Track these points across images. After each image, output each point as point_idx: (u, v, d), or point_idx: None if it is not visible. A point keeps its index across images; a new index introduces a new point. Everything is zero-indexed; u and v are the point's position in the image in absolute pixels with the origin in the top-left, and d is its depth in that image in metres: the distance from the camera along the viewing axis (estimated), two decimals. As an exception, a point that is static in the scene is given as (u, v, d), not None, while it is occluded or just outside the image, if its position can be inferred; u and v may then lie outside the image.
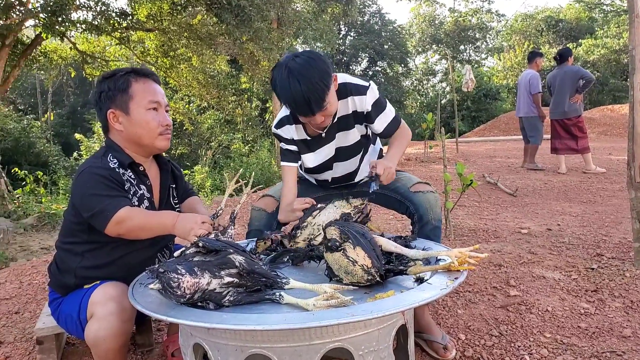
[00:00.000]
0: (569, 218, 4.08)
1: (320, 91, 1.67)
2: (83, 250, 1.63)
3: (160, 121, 1.65)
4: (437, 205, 1.89)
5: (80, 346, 2.14)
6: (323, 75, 1.68)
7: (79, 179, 1.55)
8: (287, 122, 2.00)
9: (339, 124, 1.97)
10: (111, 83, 1.63)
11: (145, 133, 1.64)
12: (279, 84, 1.71)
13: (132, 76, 1.64)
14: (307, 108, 1.69)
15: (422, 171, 7.42)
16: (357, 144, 2.04)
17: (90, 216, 1.49)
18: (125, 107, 1.62)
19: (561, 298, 2.37)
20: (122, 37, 9.91)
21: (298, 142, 2.02)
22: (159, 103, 1.66)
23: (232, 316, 1.13)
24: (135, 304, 1.27)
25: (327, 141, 2.00)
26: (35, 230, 7.38)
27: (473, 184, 3.27)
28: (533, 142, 7.10)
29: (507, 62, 26.37)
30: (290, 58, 1.72)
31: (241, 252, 1.29)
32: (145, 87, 1.65)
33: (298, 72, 1.66)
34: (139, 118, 1.62)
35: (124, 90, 1.62)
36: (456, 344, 1.96)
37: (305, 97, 1.65)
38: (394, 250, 1.40)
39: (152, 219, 1.52)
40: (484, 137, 15.20)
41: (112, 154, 1.64)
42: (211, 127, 18.17)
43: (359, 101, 1.91)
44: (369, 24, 28.97)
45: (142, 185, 1.67)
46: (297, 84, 1.65)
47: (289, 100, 1.71)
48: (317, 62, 1.69)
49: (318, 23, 16.42)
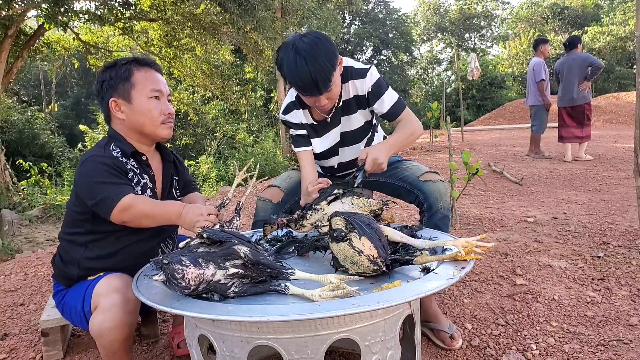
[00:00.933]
0: (575, 206, 4.05)
1: (327, 71, 1.67)
2: (86, 241, 1.63)
3: (162, 109, 1.65)
4: (447, 194, 1.88)
5: (85, 338, 2.15)
6: (330, 55, 1.69)
7: (82, 167, 1.55)
8: (294, 107, 2.00)
9: (343, 108, 1.97)
10: (113, 72, 1.63)
11: (148, 121, 1.63)
12: (285, 63, 1.70)
13: (134, 65, 1.64)
14: (314, 87, 1.68)
15: (428, 160, 7.39)
16: (361, 129, 2.04)
17: (95, 204, 1.49)
18: (128, 95, 1.62)
19: (567, 287, 2.36)
20: (126, 27, 9.86)
21: (306, 126, 2.02)
22: (161, 92, 1.66)
23: (237, 307, 1.12)
24: (140, 296, 1.26)
25: (333, 126, 2.00)
26: (40, 222, 7.42)
27: (479, 172, 3.25)
28: (535, 132, 7.11)
29: (512, 50, 26.13)
30: (297, 38, 1.71)
31: (246, 243, 1.28)
32: (147, 75, 1.65)
33: (305, 52, 1.65)
34: (141, 106, 1.62)
35: (126, 78, 1.62)
36: (462, 333, 1.95)
37: (312, 77, 1.65)
38: (400, 240, 1.38)
39: (157, 207, 1.51)
40: (489, 126, 15.11)
41: (114, 144, 1.63)
42: (215, 118, 18.13)
43: (360, 84, 1.91)
44: (374, 12, 28.73)
45: (144, 174, 1.67)
46: (304, 63, 1.64)
47: (295, 80, 1.70)
48: (323, 42, 1.69)
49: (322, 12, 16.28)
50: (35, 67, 21.28)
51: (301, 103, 1.98)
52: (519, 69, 25.05)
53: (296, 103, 1.99)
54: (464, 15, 31.84)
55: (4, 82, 8.13)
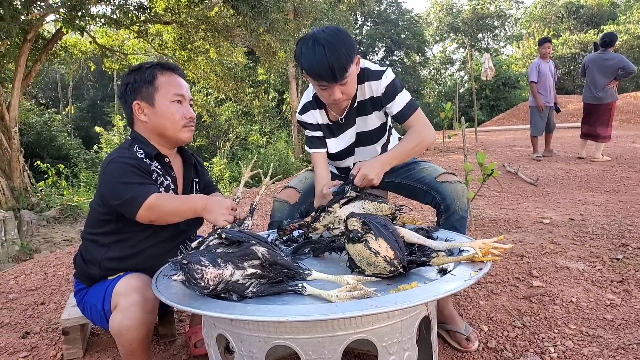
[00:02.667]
0: (592, 207, 4.00)
1: (344, 60, 1.68)
2: (108, 242, 1.65)
3: (184, 113, 1.69)
4: (465, 195, 1.87)
5: (104, 336, 2.18)
6: (348, 47, 1.70)
7: (107, 168, 1.57)
8: (311, 107, 2.01)
9: (358, 109, 1.98)
10: (137, 75, 1.67)
11: (170, 124, 1.67)
12: (304, 52, 1.71)
13: (157, 69, 1.68)
14: (330, 74, 1.69)
15: (442, 161, 7.35)
16: (376, 130, 2.04)
17: (121, 204, 1.51)
18: (151, 99, 1.65)
19: (586, 289, 2.33)
20: (141, 31, 9.96)
21: (322, 127, 2.03)
22: (184, 96, 1.70)
23: (256, 307, 1.13)
24: (159, 295, 1.28)
25: (348, 126, 2.02)
26: (58, 222, 7.53)
27: (494, 173, 3.23)
28: (531, 133, 7.12)
29: (526, 50, 25.85)
30: (318, 30, 1.74)
31: (264, 244, 1.29)
32: (170, 80, 1.68)
33: (325, 40, 1.68)
34: (164, 110, 1.66)
35: (150, 82, 1.66)
36: (479, 335, 1.94)
37: (329, 62, 1.66)
38: (417, 241, 1.38)
39: (183, 202, 1.55)
40: (503, 126, 14.97)
41: (138, 145, 1.66)
42: (229, 119, 18.24)
43: (375, 86, 1.91)
44: (386, 13, 28.67)
45: (167, 176, 1.70)
46: (322, 49, 1.66)
47: (312, 67, 1.70)
48: (343, 35, 1.72)
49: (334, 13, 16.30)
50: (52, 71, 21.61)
51: (318, 103, 1.99)
52: (533, 69, 24.76)
53: (313, 103, 2.00)
54: (476, 15, 31.62)
55: (22, 85, 8.27)
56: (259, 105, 16.72)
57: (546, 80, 6.82)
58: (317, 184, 1.96)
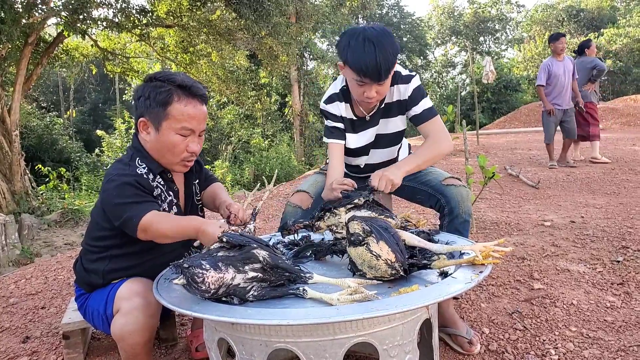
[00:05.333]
0: (593, 210, 4.00)
1: (391, 62, 1.72)
2: (111, 255, 1.64)
3: (188, 147, 1.59)
4: (469, 199, 1.89)
5: (105, 341, 2.18)
6: (395, 49, 1.74)
7: (106, 186, 1.54)
8: (337, 98, 2.01)
9: (384, 111, 2.00)
10: (153, 92, 1.55)
11: (169, 155, 1.60)
12: (352, 47, 1.72)
13: (176, 93, 1.55)
14: (376, 73, 1.71)
15: (443, 164, 7.35)
16: (396, 134, 2.07)
17: (121, 224, 1.50)
18: (158, 123, 1.56)
19: (586, 291, 2.33)
20: (142, 34, 10.00)
21: (344, 120, 2.03)
22: (193, 130, 1.58)
23: (257, 311, 1.14)
24: (160, 299, 1.28)
25: (371, 125, 2.03)
26: (59, 226, 7.54)
27: (495, 176, 3.23)
28: (544, 140, 6.66)
29: (527, 53, 25.89)
30: (367, 26, 1.76)
31: (265, 247, 1.29)
32: (185, 110, 1.55)
33: (375, 39, 1.69)
34: (167, 139, 1.57)
35: (163, 105, 1.54)
36: (480, 338, 1.94)
37: (377, 62, 1.68)
38: (418, 244, 1.38)
39: (176, 225, 1.47)
40: (504, 129, 14.98)
41: (139, 159, 1.61)
42: (231, 122, 18.28)
43: (403, 89, 1.94)
44: (388, 16, 28.76)
45: (170, 191, 1.67)
46: (372, 47, 1.68)
47: (360, 64, 1.71)
48: (391, 35, 1.75)
49: (336, 17, 16.34)
50: (54, 74, 21.67)
51: (345, 96, 2.00)
52: (534, 72, 24.80)
53: (340, 95, 2.01)
54: (478, 18, 31.67)
55: (24, 89, 8.29)
56: (261, 108, 16.76)
57: (559, 82, 6.26)
58: (330, 175, 1.95)
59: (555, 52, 6.36)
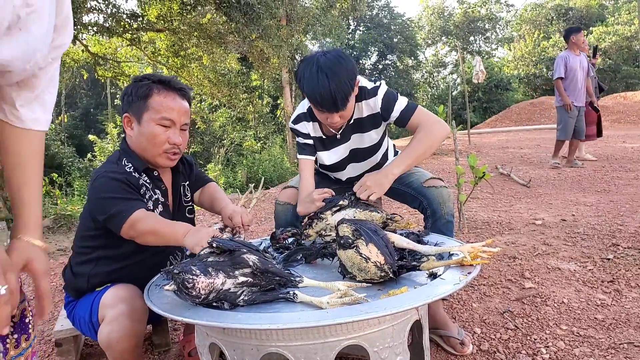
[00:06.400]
0: (584, 208, 4.04)
1: (346, 90, 1.70)
2: (96, 257, 1.64)
3: (169, 138, 1.61)
4: (450, 200, 1.90)
5: (97, 347, 2.18)
6: (350, 74, 1.71)
7: (95, 183, 1.56)
8: (304, 118, 2.03)
9: (354, 126, 1.99)
10: (135, 88, 1.61)
11: (150, 147, 1.61)
12: (307, 77, 1.72)
13: (156, 86, 1.60)
14: (332, 104, 1.71)
15: (435, 164, 7.39)
16: (373, 146, 2.06)
17: (106, 219, 1.50)
18: (139, 115, 1.60)
19: (577, 289, 2.35)
20: (133, 38, 9.97)
21: (314, 139, 2.05)
22: (173, 121, 1.61)
23: (247, 316, 1.14)
24: (151, 305, 1.28)
25: (342, 142, 2.04)
26: (52, 232, 7.47)
27: (486, 176, 3.25)
28: (557, 136, 6.32)
29: (517, 52, 26.06)
30: (321, 54, 1.74)
31: (254, 252, 1.30)
32: (164, 101, 1.59)
33: (328, 68, 1.68)
34: (147, 130, 1.59)
35: (144, 98, 1.59)
36: (472, 338, 1.95)
37: (332, 94, 1.68)
38: (407, 246, 1.40)
39: (165, 226, 1.48)
40: (495, 128, 15.07)
41: (126, 159, 1.64)
42: (223, 125, 18.26)
43: (373, 103, 1.92)
44: (378, 17, 28.84)
45: (157, 189, 1.68)
46: (325, 79, 1.67)
47: (315, 95, 1.71)
48: (346, 61, 1.72)
49: (327, 19, 16.36)
50: (44, 79, 21.50)
51: (312, 116, 2.00)
52: (525, 70, 24.99)
53: (307, 115, 2.02)
54: (468, 18, 31.84)
55: (14, 95, 8.23)
56: (253, 110, 16.76)
57: (575, 77, 6.01)
58: (302, 190, 1.94)
59: (576, 45, 6.05)
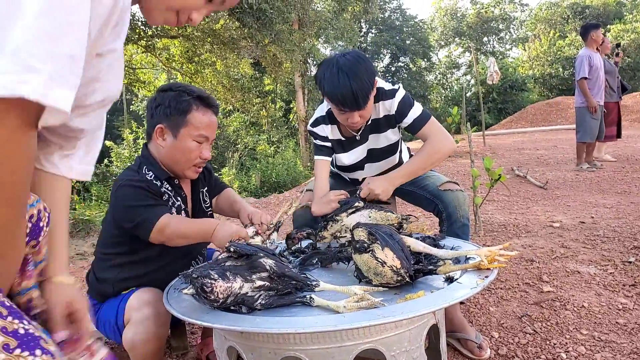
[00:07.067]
0: (603, 210, 3.98)
1: (367, 88, 1.74)
2: (121, 263, 1.67)
3: (200, 154, 1.67)
4: (466, 203, 1.91)
5: (118, 350, 2.20)
6: (370, 73, 1.76)
7: (117, 192, 1.58)
8: (323, 121, 2.06)
9: (372, 127, 2.02)
10: (173, 100, 1.62)
11: (183, 160, 1.65)
12: (327, 78, 1.76)
13: (195, 102, 1.63)
14: (354, 103, 1.74)
15: (450, 166, 7.34)
16: (389, 146, 2.09)
17: (134, 226, 1.53)
18: (176, 129, 1.62)
19: (597, 293, 2.32)
20: (148, 45, 10.12)
21: (332, 141, 2.08)
22: (207, 138, 1.67)
23: (265, 320, 1.15)
24: (170, 309, 1.30)
25: (360, 142, 2.07)
26: (71, 237, 7.59)
27: (502, 178, 3.22)
28: (578, 138, 6.09)
29: (532, 52, 25.80)
30: (340, 56, 1.78)
31: (271, 256, 1.31)
32: (202, 118, 1.64)
33: (348, 68, 1.72)
34: (184, 145, 1.63)
35: (183, 113, 1.61)
36: (490, 343, 1.93)
37: (353, 92, 1.71)
38: (423, 250, 1.39)
39: (192, 226, 1.55)
40: (511, 129, 14.93)
41: (147, 167, 1.66)
42: (237, 130, 18.39)
43: (389, 104, 1.95)
44: (390, 20, 28.82)
45: (178, 197, 1.72)
46: (346, 79, 1.71)
47: (336, 95, 1.75)
48: (365, 61, 1.77)
49: (339, 22, 16.41)
50: (61, 87, 21.87)
51: (330, 119, 2.04)
52: (540, 70, 24.73)
53: (325, 118, 2.05)
54: (481, 19, 31.66)
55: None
56: (266, 115, 16.86)
57: (598, 75, 5.82)
58: (316, 190, 1.99)
59: (595, 42, 5.84)
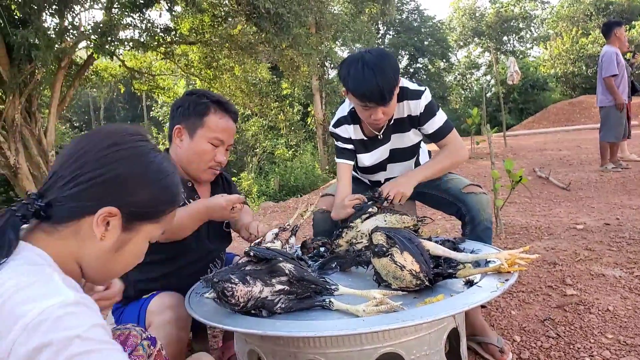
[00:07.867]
0: (629, 211, 3.89)
1: (392, 83, 1.75)
2: (141, 263, 1.71)
3: (215, 157, 1.70)
4: (489, 206, 1.90)
5: (141, 353, 2.24)
6: (394, 69, 1.77)
7: None
8: (345, 121, 2.06)
9: (395, 126, 2.02)
10: (193, 103, 1.68)
11: (197, 162, 1.70)
12: (352, 74, 1.77)
13: (213, 106, 1.69)
14: (380, 97, 1.74)
15: (470, 168, 7.27)
16: (412, 147, 2.09)
17: None
18: (193, 130, 1.67)
19: (623, 297, 2.27)
20: (167, 52, 10.27)
21: (355, 142, 2.07)
22: (223, 141, 1.71)
23: (285, 323, 1.16)
24: (192, 313, 1.32)
25: (383, 142, 2.06)
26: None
27: (523, 180, 3.18)
28: (601, 138, 5.88)
29: (554, 51, 25.36)
30: (364, 52, 1.80)
31: (290, 260, 1.32)
32: (220, 122, 1.69)
33: (374, 64, 1.73)
34: (199, 146, 1.68)
35: (200, 115, 1.67)
36: (511, 347, 1.91)
37: (379, 86, 1.72)
38: (442, 254, 1.39)
39: (182, 213, 1.56)
40: (532, 130, 14.71)
41: None
42: (255, 134, 18.51)
43: (414, 105, 1.95)
44: (408, 21, 28.72)
45: (190, 200, 1.73)
46: (372, 73, 1.72)
47: (362, 90, 1.76)
48: (389, 57, 1.79)
49: (356, 24, 16.41)
50: (85, 94, 22.38)
51: (353, 118, 2.04)
52: (563, 69, 24.30)
53: (348, 118, 2.05)
54: (501, 18, 31.31)
55: (58, 110, 8.61)
56: (284, 119, 16.92)
57: (624, 73, 5.61)
58: (338, 194, 1.99)
59: (619, 39, 5.65)
